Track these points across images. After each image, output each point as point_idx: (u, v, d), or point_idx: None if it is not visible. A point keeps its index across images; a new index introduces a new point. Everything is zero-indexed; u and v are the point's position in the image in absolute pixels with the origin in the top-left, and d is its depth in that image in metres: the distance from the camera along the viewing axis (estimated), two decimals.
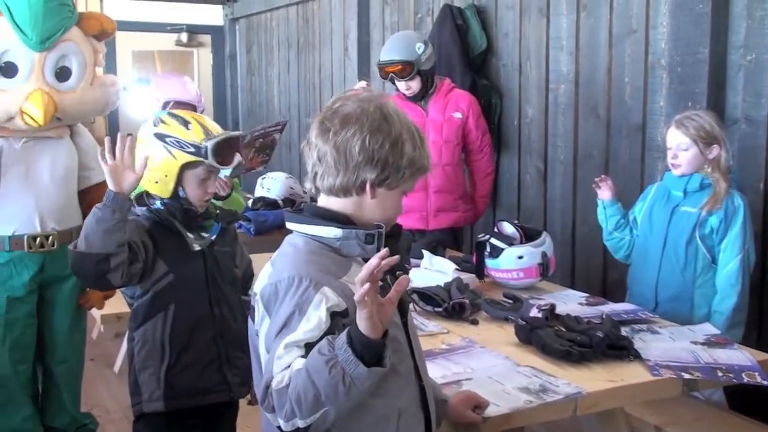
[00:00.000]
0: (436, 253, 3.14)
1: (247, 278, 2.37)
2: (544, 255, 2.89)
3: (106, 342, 4.60)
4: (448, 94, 3.78)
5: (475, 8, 4.37)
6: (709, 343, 2.30)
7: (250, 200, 4.64)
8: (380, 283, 1.34)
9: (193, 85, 3.95)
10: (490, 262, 2.94)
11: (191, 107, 3.58)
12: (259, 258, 2.35)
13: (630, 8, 3.51)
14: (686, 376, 2.05)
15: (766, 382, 2.06)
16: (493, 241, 2.93)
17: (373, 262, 1.32)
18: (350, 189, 1.52)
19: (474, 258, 3.01)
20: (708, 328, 2.46)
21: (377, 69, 3.76)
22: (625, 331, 2.31)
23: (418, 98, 3.73)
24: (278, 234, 3.84)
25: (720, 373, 2.09)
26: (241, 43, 8.02)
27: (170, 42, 7.93)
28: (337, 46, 6.05)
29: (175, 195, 2.17)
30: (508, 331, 2.34)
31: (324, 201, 1.57)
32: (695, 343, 2.30)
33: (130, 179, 2.03)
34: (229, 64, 8.11)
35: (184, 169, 2.15)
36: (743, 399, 2.77)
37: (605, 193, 3.00)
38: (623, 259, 3.05)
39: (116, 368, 4.21)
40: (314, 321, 1.41)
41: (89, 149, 2.92)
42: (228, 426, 2.38)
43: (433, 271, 2.96)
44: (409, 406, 1.55)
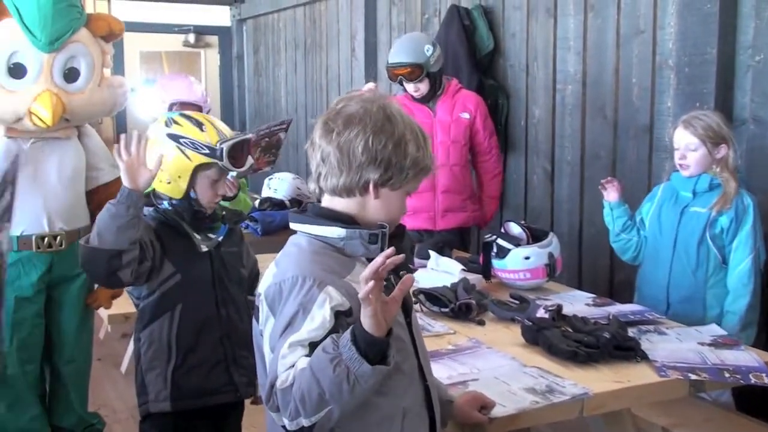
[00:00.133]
0: (443, 254, 3.13)
1: (253, 278, 2.37)
2: (550, 256, 2.89)
3: (113, 342, 4.62)
4: (455, 95, 3.77)
5: (482, 9, 4.37)
6: (716, 344, 2.30)
7: (257, 200, 4.64)
8: (384, 282, 1.35)
9: (199, 86, 3.95)
10: (496, 263, 2.94)
11: (197, 108, 3.59)
12: (266, 258, 2.33)
13: (637, 8, 3.50)
14: (693, 377, 2.05)
15: None
16: (500, 241, 2.93)
17: (379, 260, 1.33)
18: (354, 189, 1.52)
19: (481, 258, 3.00)
20: (715, 329, 2.45)
21: (386, 71, 3.75)
22: (632, 331, 2.30)
23: (426, 99, 3.73)
24: (285, 234, 3.79)
25: (727, 374, 2.08)
26: (248, 43, 8.03)
27: (177, 43, 7.95)
28: (344, 46, 6.05)
29: (185, 196, 2.18)
30: (515, 332, 2.34)
31: (328, 201, 1.57)
32: (702, 344, 2.29)
33: (145, 176, 2.03)
34: (237, 65, 8.13)
35: (197, 170, 2.16)
36: (751, 400, 2.76)
37: (612, 194, 2.99)
38: (630, 261, 3.04)
39: (123, 368, 4.22)
40: (318, 320, 1.41)
41: (97, 150, 2.93)
42: (234, 426, 2.38)
43: (440, 271, 2.96)
44: (413, 406, 1.55)
